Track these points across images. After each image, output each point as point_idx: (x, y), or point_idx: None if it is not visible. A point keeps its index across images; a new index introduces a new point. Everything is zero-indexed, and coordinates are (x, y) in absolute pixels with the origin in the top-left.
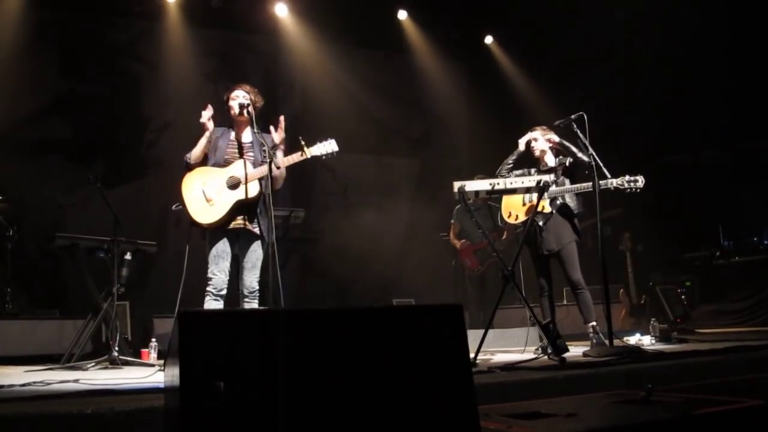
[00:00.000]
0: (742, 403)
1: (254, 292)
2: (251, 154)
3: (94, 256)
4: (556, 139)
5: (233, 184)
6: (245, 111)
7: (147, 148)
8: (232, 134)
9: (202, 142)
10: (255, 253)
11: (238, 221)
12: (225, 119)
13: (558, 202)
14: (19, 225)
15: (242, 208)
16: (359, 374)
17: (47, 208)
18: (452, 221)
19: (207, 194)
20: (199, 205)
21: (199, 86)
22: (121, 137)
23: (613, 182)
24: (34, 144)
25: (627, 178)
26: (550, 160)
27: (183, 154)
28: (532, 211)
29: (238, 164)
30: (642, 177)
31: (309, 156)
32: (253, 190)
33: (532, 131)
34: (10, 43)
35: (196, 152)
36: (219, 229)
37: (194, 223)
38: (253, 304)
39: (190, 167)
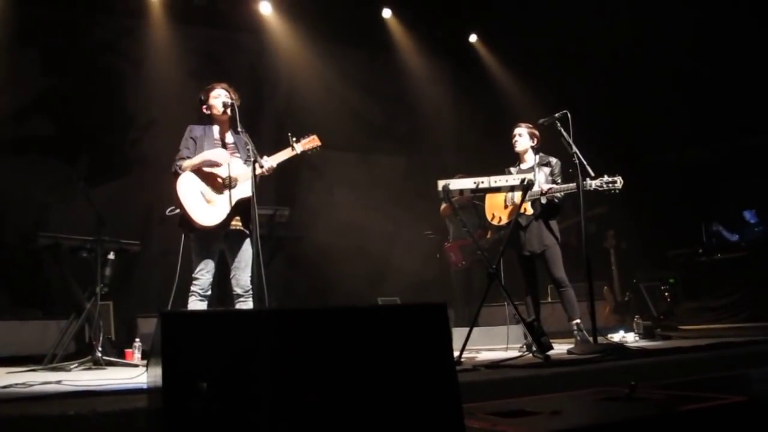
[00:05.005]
0: (725, 399)
1: (249, 290)
2: (237, 154)
3: (77, 255)
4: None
5: (231, 184)
6: (228, 109)
7: (131, 147)
8: (215, 133)
9: (196, 161)
10: (247, 252)
11: (235, 222)
12: (202, 117)
13: (541, 201)
14: (0, 224)
15: (240, 207)
16: (344, 373)
17: (30, 207)
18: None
19: (206, 195)
20: (199, 207)
21: (183, 84)
22: (104, 135)
23: (592, 184)
24: (16, 142)
25: (605, 179)
26: (530, 159)
27: (167, 152)
28: (515, 212)
29: (233, 163)
30: (620, 178)
31: (298, 152)
32: (250, 188)
33: (517, 127)
34: None
35: (190, 165)
36: (210, 230)
37: (188, 225)
38: (248, 303)
39: (178, 175)
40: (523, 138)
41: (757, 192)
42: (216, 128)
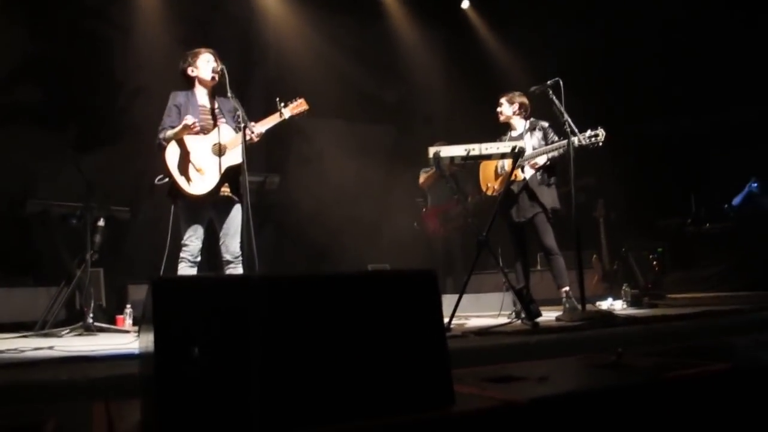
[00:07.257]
0: (711, 367)
1: (239, 257)
2: (223, 119)
3: (67, 222)
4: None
5: (219, 151)
6: (217, 75)
7: (120, 114)
8: (199, 99)
9: (177, 131)
10: (236, 219)
11: (224, 189)
12: (183, 83)
13: (527, 167)
14: None
15: (229, 174)
16: (334, 339)
17: (18, 174)
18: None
19: (195, 164)
20: (189, 176)
21: (172, 51)
22: (93, 102)
23: (575, 141)
24: (3, 109)
25: (588, 133)
26: (519, 125)
27: (156, 120)
28: (506, 179)
29: (222, 130)
30: (602, 130)
31: (286, 117)
32: (240, 155)
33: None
34: None
35: (173, 136)
36: (199, 198)
37: (177, 193)
38: (238, 269)
39: (164, 148)
40: (503, 107)
41: (746, 163)
42: (199, 93)
